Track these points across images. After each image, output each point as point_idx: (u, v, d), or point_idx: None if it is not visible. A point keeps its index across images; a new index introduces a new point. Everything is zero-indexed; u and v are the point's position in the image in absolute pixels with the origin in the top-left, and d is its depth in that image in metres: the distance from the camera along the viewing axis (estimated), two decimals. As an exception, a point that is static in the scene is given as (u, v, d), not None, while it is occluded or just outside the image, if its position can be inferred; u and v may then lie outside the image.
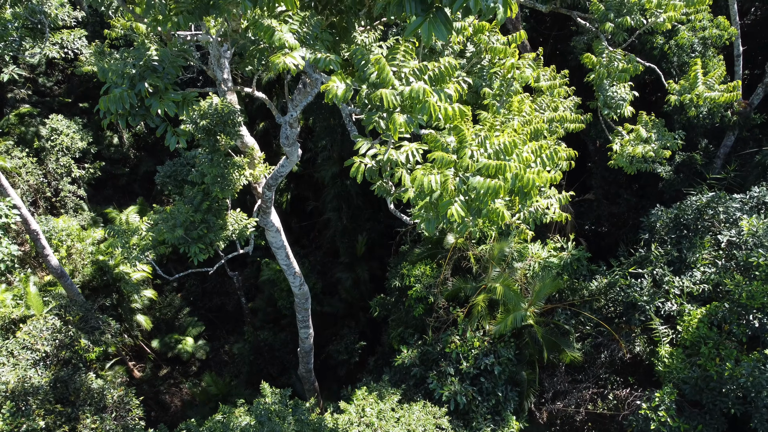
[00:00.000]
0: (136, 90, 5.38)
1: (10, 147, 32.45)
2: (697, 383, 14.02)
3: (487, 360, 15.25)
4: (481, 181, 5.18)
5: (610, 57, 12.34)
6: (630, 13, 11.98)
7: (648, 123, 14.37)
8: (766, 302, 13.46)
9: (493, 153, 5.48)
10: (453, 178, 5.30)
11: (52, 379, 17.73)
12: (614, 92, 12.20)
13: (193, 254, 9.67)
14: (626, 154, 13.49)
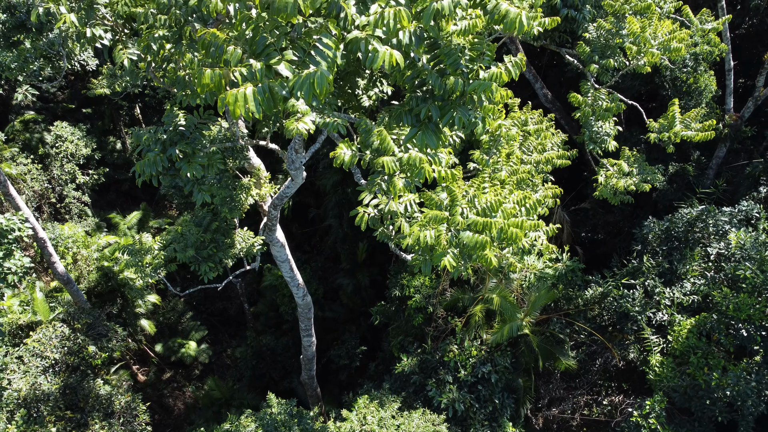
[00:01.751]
0: (168, 154, 5.90)
1: (16, 153, 32.88)
2: (687, 391, 14.55)
3: (484, 368, 15.77)
4: (470, 236, 5.79)
5: (595, 97, 13.10)
6: (613, 55, 12.62)
7: (630, 158, 15.30)
8: (752, 314, 13.99)
9: (480, 210, 6.08)
10: (446, 233, 5.90)
11: (61, 386, 18.24)
12: (599, 128, 12.84)
13: (203, 273, 10.17)
14: (610, 187, 14.31)
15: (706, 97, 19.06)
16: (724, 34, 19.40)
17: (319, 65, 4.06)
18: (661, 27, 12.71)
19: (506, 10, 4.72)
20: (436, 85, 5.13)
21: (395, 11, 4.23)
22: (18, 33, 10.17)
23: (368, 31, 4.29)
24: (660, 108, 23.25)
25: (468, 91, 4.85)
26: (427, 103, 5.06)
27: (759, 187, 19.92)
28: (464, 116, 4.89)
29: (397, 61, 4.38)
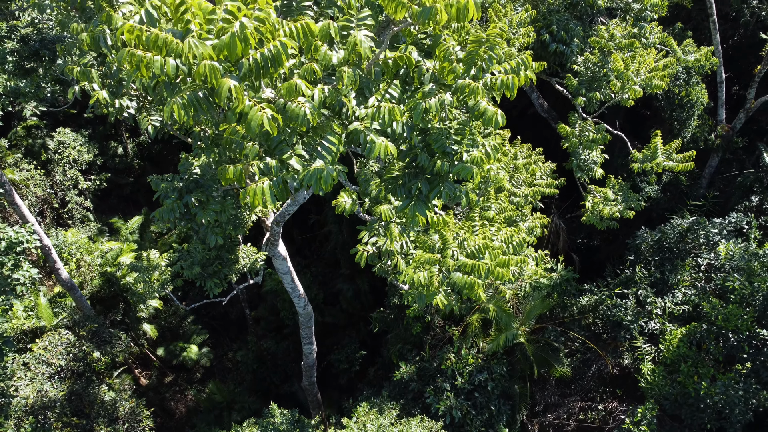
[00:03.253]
0: (184, 201, 6.34)
1: (19, 159, 33.18)
2: (677, 399, 14.99)
3: (480, 376, 16.19)
4: (460, 277, 6.29)
5: (582, 127, 13.71)
6: (600, 87, 13.14)
7: (615, 186, 15.96)
8: (740, 324, 14.42)
9: (469, 253, 6.55)
10: (438, 274, 6.40)
11: (67, 393, 18.63)
12: (587, 156, 13.35)
13: (209, 288, 10.56)
14: (596, 212, 14.97)
15: (698, 109, 19.49)
16: (716, 48, 19.82)
17: (324, 159, 4.54)
18: (644, 63, 13.40)
19: (485, 108, 5.32)
20: (426, 164, 5.76)
21: (390, 108, 4.75)
22: (32, 61, 10.57)
23: (366, 123, 4.78)
24: (654, 117, 23.68)
25: (452, 173, 5.39)
26: (418, 178, 5.62)
27: (751, 196, 20.36)
28: (450, 191, 5.43)
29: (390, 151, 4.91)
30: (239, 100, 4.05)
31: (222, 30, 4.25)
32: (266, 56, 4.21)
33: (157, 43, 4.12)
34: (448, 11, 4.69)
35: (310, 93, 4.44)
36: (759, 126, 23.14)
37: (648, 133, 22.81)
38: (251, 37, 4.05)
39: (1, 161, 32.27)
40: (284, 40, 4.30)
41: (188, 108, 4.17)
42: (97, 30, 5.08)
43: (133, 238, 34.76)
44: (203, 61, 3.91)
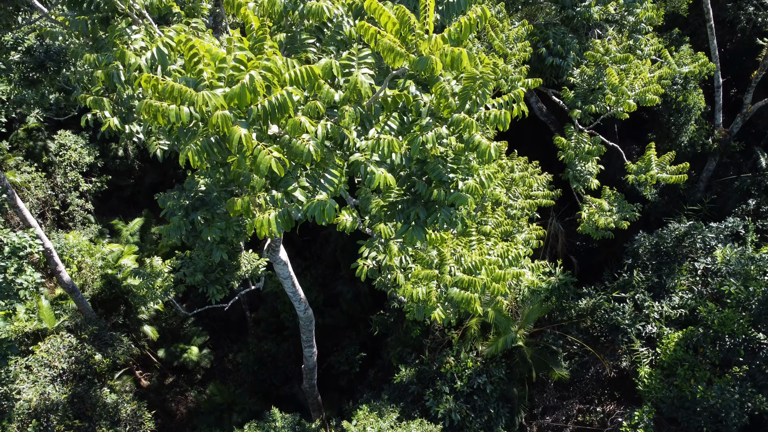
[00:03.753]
0: (190, 219, 6.52)
1: (20, 162, 33.32)
2: (674, 402, 15.14)
3: (479, 379, 16.34)
4: (458, 292, 6.51)
5: (578, 140, 13.97)
6: (595, 100, 13.36)
7: (610, 196, 16.24)
8: (736, 328, 14.58)
9: (466, 269, 6.76)
10: (436, 289, 6.62)
11: (69, 395, 18.77)
12: (582, 167, 13.57)
13: (211, 295, 10.72)
14: (592, 222, 15.24)
15: (695, 113, 19.66)
16: (713, 53, 19.98)
17: (327, 191, 4.77)
18: (639, 77, 13.70)
19: (479, 141, 5.60)
20: (423, 192, 6.07)
21: (389, 140, 5.06)
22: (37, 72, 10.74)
23: (367, 155, 5.01)
24: (652, 120, 23.82)
25: (448, 201, 5.64)
26: (416, 205, 5.88)
27: (748, 199, 20.53)
28: (447, 217, 5.67)
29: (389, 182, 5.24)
30: (249, 147, 4.25)
31: (232, 77, 4.47)
32: (273, 104, 4.44)
33: (173, 93, 4.32)
34: (443, 60, 4.91)
35: (313, 129, 4.64)
36: (756, 130, 23.32)
37: (646, 137, 22.99)
38: (260, 87, 4.24)
39: (2, 164, 32.41)
40: (290, 89, 4.53)
41: (201, 153, 4.38)
42: (111, 66, 5.29)
43: (133, 240, 34.86)
44: (216, 111, 4.12)
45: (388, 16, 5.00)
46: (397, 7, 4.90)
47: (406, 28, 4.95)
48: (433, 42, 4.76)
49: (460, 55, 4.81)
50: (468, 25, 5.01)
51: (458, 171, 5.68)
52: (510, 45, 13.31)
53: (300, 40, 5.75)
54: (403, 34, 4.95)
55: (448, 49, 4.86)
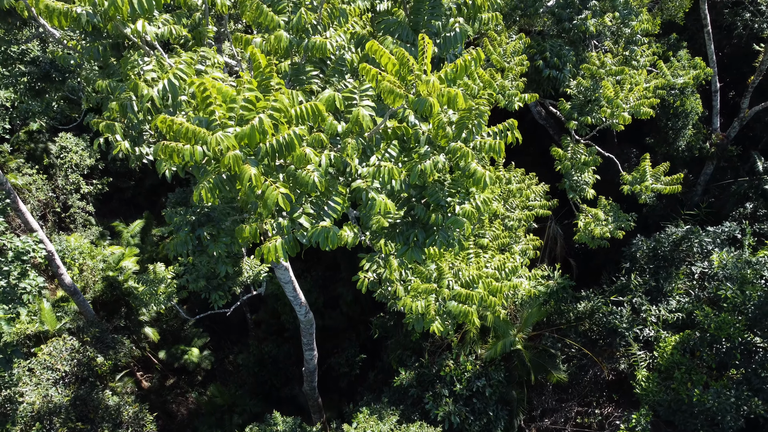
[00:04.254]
0: (196, 234, 6.70)
1: (21, 164, 33.44)
2: (671, 405, 15.31)
3: (479, 382, 16.51)
4: (455, 305, 6.76)
5: (574, 150, 14.26)
6: (591, 112, 13.60)
7: (606, 206, 16.52)
8: (732, 332, 14.74)
9: (464, 283, 6.97)
10: (434, 303, 6.85)
11: (72, 398, 18.93)
12: (579, 177, 13.80)
13: (213, 300, 10.88)
14: (588, 231, 15.53)
15: (692, 118, 19.81)
16: (710, 58, 20.15)
17: (330, 217, 5.00)
18: (634, 90, 13.97)
19: (474, 170, 5.85)
20: (422, 215, 6.36)
21: (389, 168, 5.39)
22: (42, 82, 10.88)
23: (368, 182, 5.23)
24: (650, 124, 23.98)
25: (446, 225, 5.86)
26: (415, 227, 6.14)
27: (745, 203, 20.69)
28: (444, 239, 5.92)
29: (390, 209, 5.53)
30: (258, 185, 4.46)
31: (242, 117, 4.71)
32: (281, 143, 4.69)
33: (187, 134, 4.57)
34: (440, 101, 5.16)
35: (317, 160, 4.85)
36: (753, 134, 23.48)
37: (644, 141, 23.15)
38: (268, 128, 4.45)
39: (4, 166, 32.53)
40: (297, 129, 4.78)
41: (214, 190, 4.59)
42: (124, 96, 5.47)
43: (134, 242, 34.99)
44: (228, 152, 4.33)
45: (389, 57, 5.26)
46: (396, 49, 5.12)
47: (406, 69, 5.20)
48: (431, 85, 5.00)
49: (455, 97, 5.08)
50: (463, 66, 5.28)
51: (456, 195, 5.90)
52: (507, 59, 13.52)
53: (304, 72, 5.97)
54: (402, 74, 5.18)
55: (445, 90, 5.12)
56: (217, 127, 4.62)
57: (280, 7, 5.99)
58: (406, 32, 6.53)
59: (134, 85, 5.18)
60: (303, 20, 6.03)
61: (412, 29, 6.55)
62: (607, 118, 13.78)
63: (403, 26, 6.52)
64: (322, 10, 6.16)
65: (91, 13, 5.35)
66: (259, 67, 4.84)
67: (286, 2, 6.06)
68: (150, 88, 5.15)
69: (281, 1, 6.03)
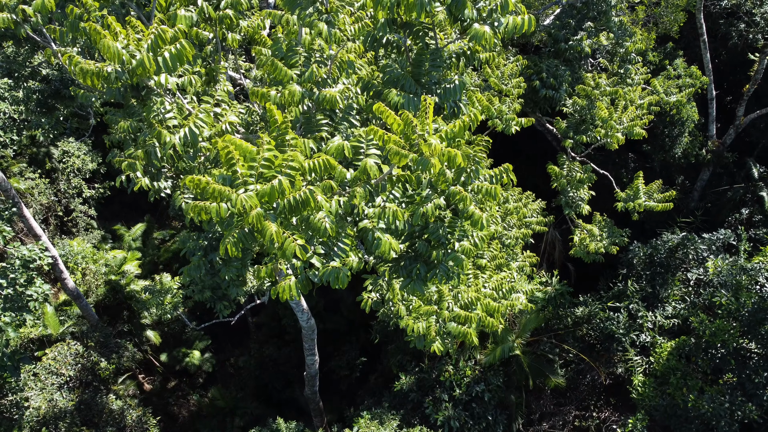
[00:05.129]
0: (209, 259, 7.00)
1: (24, 168, 33.64)
2: (667, 410, 15.59)
3: (478, 387, 16.78)
4: (455, 326, 7.12)
5: (570, 168, 14.66)
6: (587, 131, 13.94)
7: (601, 222, 16.87)
8: (726, 339, 15.01)
9: (463, 304, 7.31)
10: (435, 324, 7.20)
11: (76, 402, 19.18)
12: (574, 194, 14.14)
13: (219, 310, 11.13)
14: (583, 247, 15.90)
15: (688, 126, 20.09)
16: (706, 66, 20.42)
17: (339, 257, 5.34)
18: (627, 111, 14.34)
19: (472, 212, 6.34)
20: (424, 252, 6.75)
21: (393, 211, 5.85)
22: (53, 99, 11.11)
23: (374, 222, 5.57)
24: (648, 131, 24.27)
25: (446, 261, 6.21)
26: (417, 262, 6.47)
27: (741, 209, 20.98)
28: (444, 273, 6.27)
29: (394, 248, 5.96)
30: (278, 240, 4.79)
31: (261, 174, 5.16)
32: (297, 200, 5.12)
33: (213, 193, 4.96)
34: (441, 160, 5.60)
35: (328, 206, 5.19)
36: (749, 140, 23.76)
37: (641, 148, 23.42)
38: (287, 188, 4.83)
39: (7, 170, 32.75)
40: (312, 188, 5.22)
41: (238, 244, 4.94)
42: (149, 144, 5.81)
43: (136, 245, 35.19)
44: (251, 211, 4.70)
45: (394, 118, 5.70)
46: (402, 111, 5.51)
47: (410, 128, 5.64)
48: (432, 147, 5.43)
49: (455, 157, 5.54)
50: (462, 126, 5.73)
51: (455, 231, 6.23)
52: (505, 81, 13.85)
53: (315, 120, 6.33)
54: (407, 133, 5.62)
55: (445, 150, 5.55)
56: (239, 184, 5.00)
57: (292, 61, 6.39)
58: (410, 84, 6.93)
59: (158, 133, 5.53)
60: (314, 75, 6.49)
61: (414, 80, 6.97)
62: (601, 138, 14.15)
63: (406, 78, 6.93)
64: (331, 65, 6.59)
65: (120, 71, 5.78)
66: (275, 122, 5.19)
67: (297, 57, 6.44)
68: (172, 135, 5.49)
69: (293, 56, 6.43)
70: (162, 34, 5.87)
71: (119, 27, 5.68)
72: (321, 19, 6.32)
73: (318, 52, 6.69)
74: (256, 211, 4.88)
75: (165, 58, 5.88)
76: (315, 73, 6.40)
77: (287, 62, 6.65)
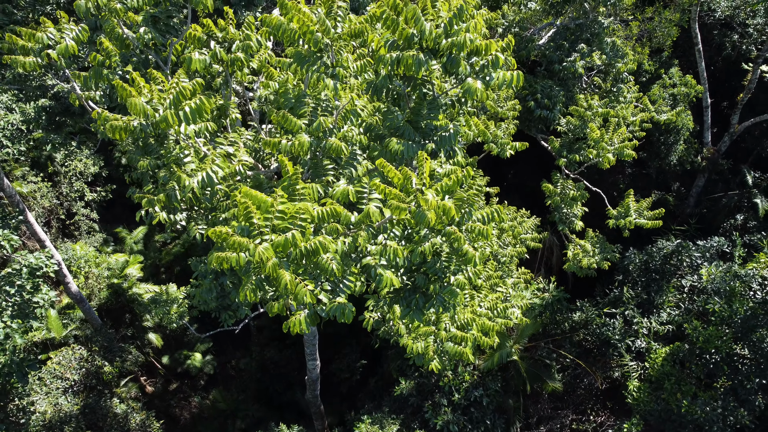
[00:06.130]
0: (219, 282, 7.35)
1: (26, 172, 33.88)
2: (661, 415, 15.91)
3: (476, 392, 17.10)
4: (452, 346, 7.56)
5: (564, 186, 15.09)
6: (579, 150, 14.34)
7: (593, 238, 17.32)
8: (719, 345, 15.33)
9: (459, 325, 7.69)
10: (433, 344, 7.60)
11: (81, 407, 19.48)
12: (568, 211, 14.54)
13: (223, 320, 11.44)
14: (577, 261, 16.33)
15: (683, 134, 20.42)
16: (701, 75, 20.74)
17: (345, 294, 5.73)
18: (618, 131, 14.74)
19: (466, 250, 6.79)
20: (422, 284, 7.14)
21: (394, 249, 6.42)
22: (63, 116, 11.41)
23: (376, 259, 5.98)
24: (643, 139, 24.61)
25: (443, 293, 6.60)
26: (416, 293, 6.88)
27: (736, 214, 21.31)
28: (441, 304, 6.69)
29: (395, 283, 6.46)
30: (292, 288, 5.18)
31: (276, 226, 5.71)
32: (309, 249, 5.68)
33: (233, 245, 5.49)
34: (436, 213, 6.15)
35: (334, 247, 5.60)
36: (745, 146, 24.09)
37: (639, 156, 23.73)
38: (299, 240, 5.41)
39: (9, 174, 33.01)
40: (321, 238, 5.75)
41: (256, 290, 5.35)
42: (169, 187, 6.23)
43: (137, 248, 35.45)
44: (267, 261, 5.11)
45: (395, 173, 6.34)
46: (401, 168, 6.06)
47: (409, 183, 6.26)
48: (429, 202, 6.03)
49: (449, 210, 6.18)
50: (456, 180, 6.36)
51: (451, 265, 6.64)
52: (501, 104, 14.25)
53: (322, 166, 6.78)
54: (407, 186, 6.31)
55: (441, 203, 6.15)
56: (256, 235, 5.46)
57: (300, 111, 6.92)
58: (409, 132, 7.54)
59: (178, 177, 5.97)
60: (321, 127, 7.06)
61: (413, 127, 7.60)
62: (593, 158, 14.58)
63: (405, 127, 7.55)
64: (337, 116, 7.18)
65: (145, 124, 6.36)
66: (287, 173, 5.62)
67: (306, 107, 6.91)
68: (190, 178, 5.94)
69: (302, 106, 6.92)
70: (183, 91, 6.51)
71: (143, 81, 6.13)
72: (327, 73, 6.93)
73: (324, 102, 7.19)
74: (272, 261, 5.37)
75: (186, 113, 6.52)
76: (322, 125, 6.79)
77: (296, 112, 7.28)
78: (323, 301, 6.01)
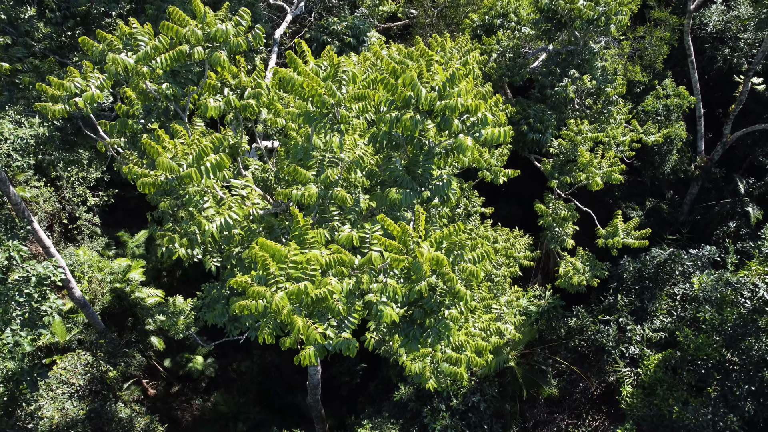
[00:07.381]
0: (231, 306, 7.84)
1: (29, 177, 34.21)
2: (653, 421, 16.35)
3: (474, 397, 17.52)
4: (447, 367, 8.12)
5: (555, 207, 15.68)
6: (570, 172, 14.89)
7: (584, 256, 18.10)
8: (710, 352, 15.77)
9: (455, 347, 8.19)
10: (429, 365, 8.14)
11: (87, 411, 19.87)
12: (560, 230, 15.07)
13: (229, 331, 11.82)
14: (568, 278, 16.93)
15: (677, 144, 20.85)
16: (694, 86, 21.17)
17: (349, 329, 6.27)
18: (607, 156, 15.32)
19: (458, 289, 7.44)
20: (419, 318, 7.60)
21: (393, 287, 7.13)
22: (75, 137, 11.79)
23: (377, 296, 6.52)
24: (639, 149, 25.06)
25: (438, 326, 7.12)
26: (413, 325, 7.38)
27: (729, 222, 21.75)
28: (436, 335, 7.23)
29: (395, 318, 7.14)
30: (304, 332, 5.71)
31: (290, 275, 6.43)
32: (319, 296, 6.10)
33: (253, 294, 6.20)
34: (431, 263, 7.00)
35: (340, 288, 6.15)
36: (736, 156, 24.54)
37: (633, 165, 24.17)
38: (310, 290, 5.97)
39: (13, 179, 33.35)
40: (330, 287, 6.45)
41: (272, 333, 5.90)
42: (191, 231, 6.77)
43: (139, 252, 35.78)
44: (283, 309, 5.66)
45: (394, 227, 7.20)
46: (400, 223, 6.84)
47: (407, 235, 7.15)
48: (424, 255, 6.83)
49: (441, 261, 7.07)
50: (449, 233, 7.17)
51: (445, 299, 7.19)
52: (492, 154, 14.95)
53: (329, 212, 7.39)
54: (405, 239, 7.25)
55: (435, 255, 6.99)
56: (272, 283, 5.95)
57: (309, 163, 7.61)
58: (407, 182, 8.39)
59: (198, 222, 6.57)
60: (328, 179, 7.82)
61: (410, 177, 8.44)
62: (583, 180, 15.18)
63: (403, 177, 8.39)
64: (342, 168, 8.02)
65: (171, 178, 7.13)
66: (298, 223, 6.23)
67: (313, 160, 7.56)
68: (210, 223, 6.54)
69: (310, 159, 7.57)
70: (204, 149, 7.31)
71: (167, 138, 6.73)
72: (333, 129, 7.68)
73: (330, 153, 7.85)
74: (287, 309, 6.17)
75: (207, 168, 7.30)
76: (329, 178, 7.44)
77: (305, 164, 8.08)
78: (330, 336, 6.55)
